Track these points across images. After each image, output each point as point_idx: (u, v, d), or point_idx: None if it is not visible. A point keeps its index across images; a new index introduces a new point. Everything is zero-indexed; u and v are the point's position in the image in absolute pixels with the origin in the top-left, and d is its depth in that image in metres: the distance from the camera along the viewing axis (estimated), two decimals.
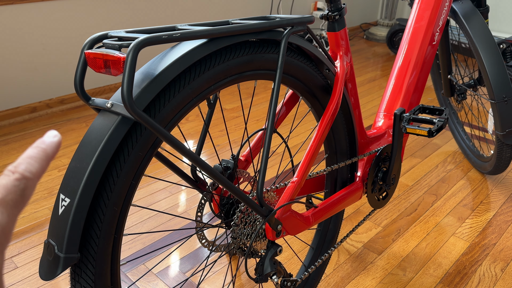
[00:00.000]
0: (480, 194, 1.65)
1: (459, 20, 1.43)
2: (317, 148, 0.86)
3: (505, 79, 1.37)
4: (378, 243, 1.39)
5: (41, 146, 0.30)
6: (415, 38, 1.18)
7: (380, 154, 1.07)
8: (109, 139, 0.60)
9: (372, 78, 2.91)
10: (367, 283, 1.23)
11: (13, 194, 0.27)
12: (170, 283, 1.21)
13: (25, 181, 0.28)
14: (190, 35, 0.61)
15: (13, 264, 1.27)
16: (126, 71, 0.55)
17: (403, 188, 1.69)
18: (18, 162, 0.29)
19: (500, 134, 1.45)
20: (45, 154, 0.30)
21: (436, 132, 0.97)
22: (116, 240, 0.66)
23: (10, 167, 0.29)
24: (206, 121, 0.91)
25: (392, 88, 1.18)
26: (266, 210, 0.79)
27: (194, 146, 1.97)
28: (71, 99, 2.33)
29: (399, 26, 3.25)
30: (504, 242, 1.40)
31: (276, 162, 1.82)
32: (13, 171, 0.28)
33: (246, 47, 0.72)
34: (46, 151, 0.30)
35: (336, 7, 0.92)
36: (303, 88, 0.87)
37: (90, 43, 0.62)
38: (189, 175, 0.94)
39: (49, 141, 0.30)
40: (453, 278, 1.25)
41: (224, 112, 2.31)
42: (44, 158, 0.29)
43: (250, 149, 1.01)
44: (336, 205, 0.98)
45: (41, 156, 0.29)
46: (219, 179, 0.70)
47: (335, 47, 0.96)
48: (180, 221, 1.46)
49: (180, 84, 0.65)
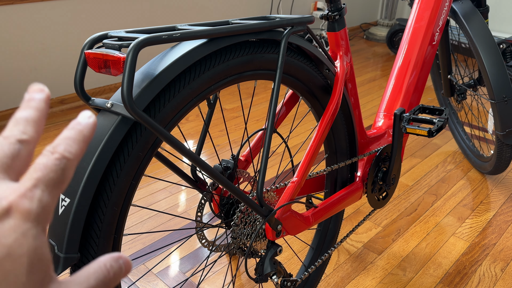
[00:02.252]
0: (480, 194, 1.65)
1: (459, 20, 1.43)
2: (317, 148, 0.86)
3: (505, 79, 1.37)
4: (378, 243, 1.39)
5: (78, 127, 0.29)
6: (415, 38, 1.18)
7: (380, 154, 1.07)
8: (109, 139, 0.60)
9: (372, 78, 2.91)
10: (367, 283, 1.23)
11: (54, 173, 0.26)
12: (170, 283, 1.21)
13: (66, 161, 0.27)
14: (190, 35, 0.61)
15: None
16: (126, 71, 0.55)
17: (403, 188, 1.69)
18: (57, 143, 0.28)
19: (500, 134, 1.45)
20: (82, 135, 0.29)
21: (436, 132, 0.97)
22: (116, 240, 0.66)
23: (49, 148, 0.27)
24: (206, 121, 0.91)
25: (392, 88, 1.18)
26: (266, 210, 0.79)
27: (194, 146, 1.97)
28: (71, 99, 2.33)
29: (399, 26, 3.25)
30: (504, 242, 1.40)
31: (276, 162, 1.82)
32: (52, 151, 0.27)
33: (246, 47, 0.72)
34: (83, 132, 0.29)
35: (336, 7, 0.92)
36: (303, 88, 0.87)
37: (90, 43, 0.62)
38: (189, 175, 0.94)
39: (85, 122, 0.29)
40: (453, 278, 1.25)
41: (224, 112, 2.31)
42: (81, 139, 0.28)
43: (250, 149, 1.01)
44: (336, 205, 0.98)
45: (79, 137, 0.28)
46: (219, 179, 0.70)
47: (335, 47, 0.96)
48: (180, 221, 1.46)
49: (180, 84, 0.65)
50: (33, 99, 0.29)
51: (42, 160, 0.27)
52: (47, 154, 0.27)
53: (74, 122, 0.29)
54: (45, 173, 0.26)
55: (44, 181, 0.26)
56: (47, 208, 0.26)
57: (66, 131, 0.29)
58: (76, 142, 0.28)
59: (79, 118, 0.29)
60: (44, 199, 0.26)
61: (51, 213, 0.27)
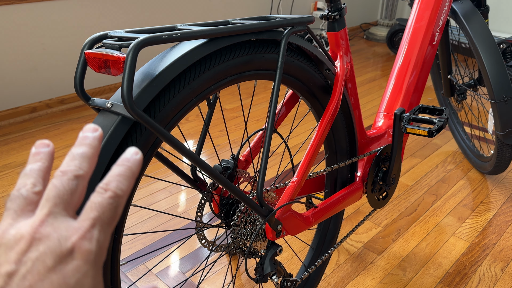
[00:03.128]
0: (480, 194, 1.65)
1: (459, 20, 1.43)
2: (317, 148, 0.86)
3: (505, 79, 1.37)
4: (378, 243, 1.39)
5: (127, 164, 0.30)
6: (415, 38, 1.18)
7: (380, 154, 1.07)
8: (109, 139, 0.60)
9: (372, 78, 2.91)
10: (367, 283, 1.23)
11: (109, 212, 0.28)
12: (170, 283, 1.21)
13: (118, 199, 0.29)
14: (190, 35, 0.61)
15: None
16: (126, 71, 0.55)
17: (403, 188, 1.69)
18: (108, 180, 0.29)
19: (500, 134, 1.45)
20: (131, 172, 0.30)
21: (436, 132, 0.97)
22: (116, 240, 0.66)
23: (101, 185, 0.29)
24: (206, 121, 0.91)
25: (392, 88, 1.18)
26: (266, 210, 0.79)
27: (194, 146, 1.97)
28: (71, 99, 2.33)
29: (399, 26, 3.25)
30: (504, 242, 1.40)
31: (276, 162, 1.82)
32: (105, 189, 0.29)
33: (246, 47, 0.72)
34: (132, 169, 0.30)
35: (336, 7, 0.92)
36: (303, 88, 0.87)
37: (90, 43, 0.62)
38: (189, 175, 0.94)
39: (133, 159, 0.31)
40: (453, 278, 1.25)
41: (224, 112, 2.31)
42: (130, 176, 0.30)
43: (250, 149, 1.01)
44: (336, 205, 0.98)
45: (128, 174, 0.30)
46: (219, 179, 0.70)
47: (335, 47, 0.96)
48: (180, 221, 1.46)
49: (180, 84, 0.65)
50: (87, 137, 0.31)
51: (97, 199, 0.28)
52: (100, 192, 0.29)
53: (123, 159, 0.31)
54: (101, 213, 0.28)
55: (100, 220, 0.28)
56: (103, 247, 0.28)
57: (116, 168, 0.30)
58: (126, 179, 0.30)
59: (127, 155, 0.31)
60: (101, 239, 0.27)
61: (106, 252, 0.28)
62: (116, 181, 0.29)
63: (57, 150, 1.89)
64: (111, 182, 0.29)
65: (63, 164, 0.30)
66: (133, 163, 0.30)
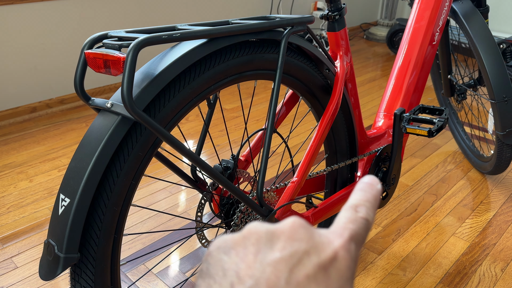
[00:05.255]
0: (480, 194, 1.65)
1: (459, 20, 1.43)
2: (317, 148, 0.86)
3: (505, 79, 1.37)
4: (378, 243, 1.39)
5: (372, 192, 0.30)
6: (415, 38, 1.18)
7: (380, 154, 1.07)
8: (109, 139, 0.60)
9: (372, 78, 2.91)
10: (367, 283, 1.23)
11: (362, 230, 0.27)
12: (170, 283, 1.21)
13: (367, 223, 0.28)
14: (190, 35, 0.61)
15: (12, 264, 1.27)
16: (126, 71, 0.55)
17: (403, 188, 1.69)
18: (358, 203, 0.29)
19: (500, 134, 1.45)
20: (376, 202, 0.30)
21: (436, 132, 0.97)
22: (116, 240, 0.66)
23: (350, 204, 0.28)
24: (206, 121, 0.91)
25: (392, 88, 1.18)
26: (266, 210, 0.79)
27: (194, 146, 1.97)
28: (71, 99, 2.33)
29: (399, 26, 3.25)
30: (504, 242, 1.40)
31: (276, 162, 1.82)
32: (355, 210, 0.28)
33: (246, 47, 0.72)
34: (376, 198, 0.30)
35: (336, 7, 0.92)
36: (303, 88, 0.87)
37: (90, 43, 0.62)
38: (189, 175, 0.94)
39: (377, 188, 0.30)
40: (453, 278, 1.25)
41: (224, 112, 2.31)
42: (375, 205, 0.29)
43: (250, 149, 1.01)
44: (336, 205, 0.98)
45: (374, 203, 0.29)
46: (219, 179, 0.70)
47: (335, 47, 0.96)
48: (180, 221, 1.46)
49: (180, 84, 0.65)
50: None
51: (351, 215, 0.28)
52: (350, 211, 0.28)
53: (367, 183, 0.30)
54: (357, 227, 0.27)
55: (356, 235, 0.27)
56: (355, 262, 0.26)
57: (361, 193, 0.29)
58: (373, 207, 0.29)
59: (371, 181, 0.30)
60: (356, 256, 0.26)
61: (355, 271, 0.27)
62: (365, 207, 0.28)
63: (57, 150, 1.89)
64: (361, 206, 0.28)
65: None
66: (377, 192, 0.30)
